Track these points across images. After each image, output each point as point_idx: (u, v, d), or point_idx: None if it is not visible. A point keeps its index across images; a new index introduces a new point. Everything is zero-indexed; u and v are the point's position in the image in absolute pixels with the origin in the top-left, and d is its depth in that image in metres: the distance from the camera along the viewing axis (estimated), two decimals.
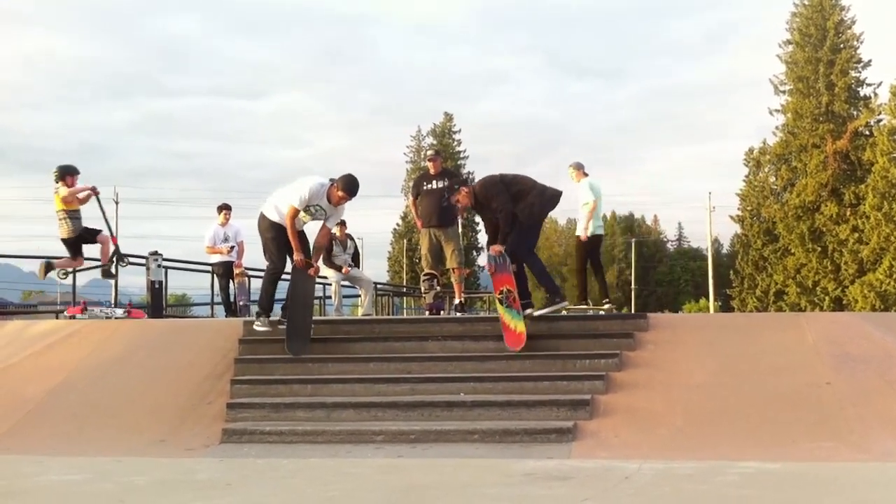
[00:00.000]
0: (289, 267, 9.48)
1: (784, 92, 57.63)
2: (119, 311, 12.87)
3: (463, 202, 9.47)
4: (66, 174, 11.94)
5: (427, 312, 12.57)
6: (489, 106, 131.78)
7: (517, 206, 9.14)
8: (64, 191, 11.83)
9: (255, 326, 9.39)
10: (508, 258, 9.12)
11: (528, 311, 8.93)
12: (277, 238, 9.22)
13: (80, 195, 12.01)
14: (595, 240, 12.24)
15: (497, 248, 9.13)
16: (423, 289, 13.11)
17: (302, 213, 9.09)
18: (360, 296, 14.74)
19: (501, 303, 8.92)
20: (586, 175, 12.27)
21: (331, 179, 9.26)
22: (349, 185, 9.11)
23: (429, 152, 13.25)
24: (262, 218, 9.35)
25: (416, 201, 11.99)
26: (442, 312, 12.69)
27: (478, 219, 14.10)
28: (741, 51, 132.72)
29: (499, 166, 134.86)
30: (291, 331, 9.15)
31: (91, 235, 12.22)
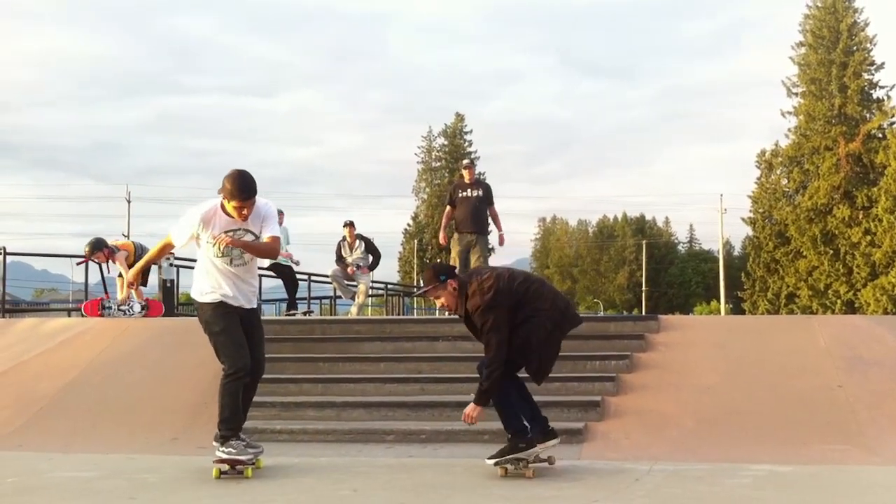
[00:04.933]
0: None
1: (796, 94, 57.43)
2: (137, 308, 12.95)
3: (446, 303, 6.26)
4: (97, 251, 12.77)
5: (447, 312, 12.71)
6: (501, 105, 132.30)
7: (522, 316, 6.10)
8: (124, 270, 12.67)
9: (221, 453, 6.27)
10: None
11: (487, 460, 6.19)
12: (229, 328, 6.35)
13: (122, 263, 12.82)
14: None
15: (471, 412, 6.12)
16: None
17: (213, 254, 6.38)
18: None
19: None
20: None
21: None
22: (235, 186, 6.16)
23: (464, 161, 13.90)
24: (200, 308, 6.55)
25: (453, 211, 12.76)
26: None
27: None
28: (754, 51, 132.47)
29: (510, 166, 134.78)
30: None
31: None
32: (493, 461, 6.09)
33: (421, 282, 6.26)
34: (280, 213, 14.79)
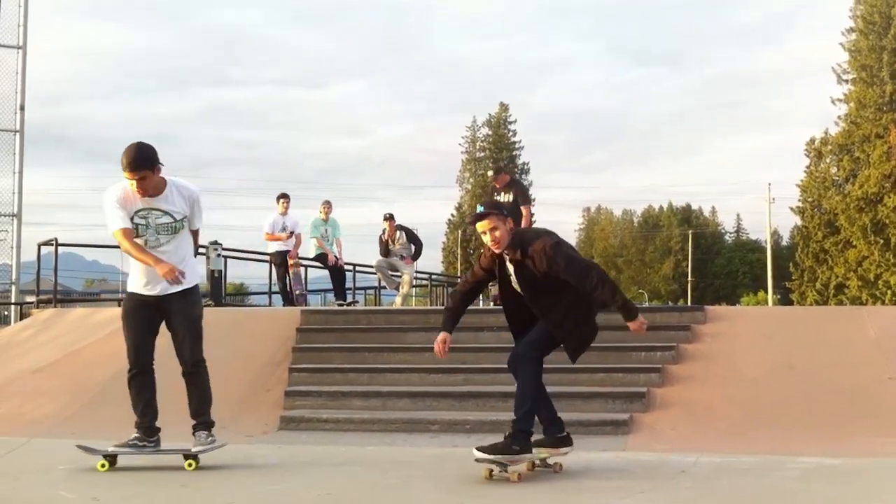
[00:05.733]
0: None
1: (847, 81, 56.39)
2: None
3: (500, 237, 5.76)
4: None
5: (492, 303, 12.75)
6: (546, 94, 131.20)
7: (570, 297, 5.75)
8: None
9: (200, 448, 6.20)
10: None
11: (476, 451, 5.69)
12: (130, 324, 6.20)
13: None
14: None
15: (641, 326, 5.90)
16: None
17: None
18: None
19: None
20: None
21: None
22: (125, 158, 5.85)
23: (489, 173, 13.92)
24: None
25: None
26: None
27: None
28: (804, 37, 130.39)
29: (556, 156, 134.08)
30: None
31: None
32: (481, 454, 5.62)
33: (476, 226, 5.86)
34: (328, 203, 14.97)
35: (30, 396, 8.80)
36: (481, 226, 5.84)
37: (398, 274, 14.51)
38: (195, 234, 6.35)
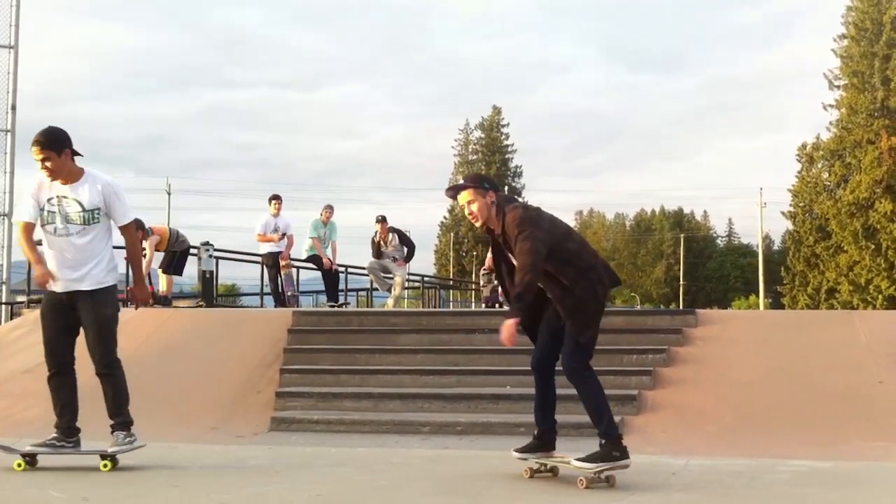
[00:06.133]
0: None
1: (838, 87, 56.64)
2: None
3: (477, 211, 5.47)
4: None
5: (484, 305, 12.80)
6: (543, 97, 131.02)
7: (571, 272, 5.46)
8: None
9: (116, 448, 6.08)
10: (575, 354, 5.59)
11: (579, 462, 5.53)
12: (44, 324, 6.09)
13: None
14: None
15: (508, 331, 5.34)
16: (481, 282, 13.50)
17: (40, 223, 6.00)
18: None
19: None
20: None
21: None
22: (35, 137, 5.87)
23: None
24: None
25: None
26: (497, 306, 12.86)
27: None
28: (795, 43, 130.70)
29: (553, 159, 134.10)
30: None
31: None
32: (589, 466, 5.41)
33: (459, 197, 5.51)
34: (330, 208, 14.99)
35: (20, 397, 8.74)
36: (460, 198, 5.52)
37: (390, 276, 14.52)
38: (125, 230, 6.07)
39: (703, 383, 8.04)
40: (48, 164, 5.81)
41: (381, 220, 14.52)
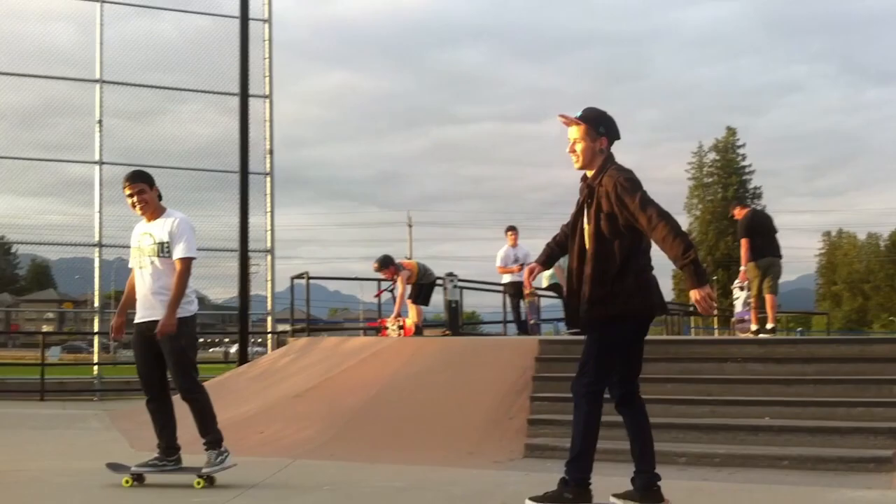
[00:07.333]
0: None
1: None
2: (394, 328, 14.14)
3: (581, 151, 5.13)
4: (385, 267, 14.37)
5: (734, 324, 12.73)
6: (778, 118, 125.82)
7: (632, 262, 5.08)
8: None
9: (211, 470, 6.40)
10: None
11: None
12: (136, 354, 6.66)
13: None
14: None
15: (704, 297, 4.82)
16: (734, 295, 13.33)
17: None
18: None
19: None
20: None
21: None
22: (126, 175, 6.61)
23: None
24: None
25: None
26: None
27: None
28: None
29: (790, 180, 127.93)
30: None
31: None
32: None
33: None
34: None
35: (290, 420, 9.44)
36: (570, 132, 5.12)
37: None
38: (181, 263, 6.35)
39: None
40: (143, 196, 6.46)
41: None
